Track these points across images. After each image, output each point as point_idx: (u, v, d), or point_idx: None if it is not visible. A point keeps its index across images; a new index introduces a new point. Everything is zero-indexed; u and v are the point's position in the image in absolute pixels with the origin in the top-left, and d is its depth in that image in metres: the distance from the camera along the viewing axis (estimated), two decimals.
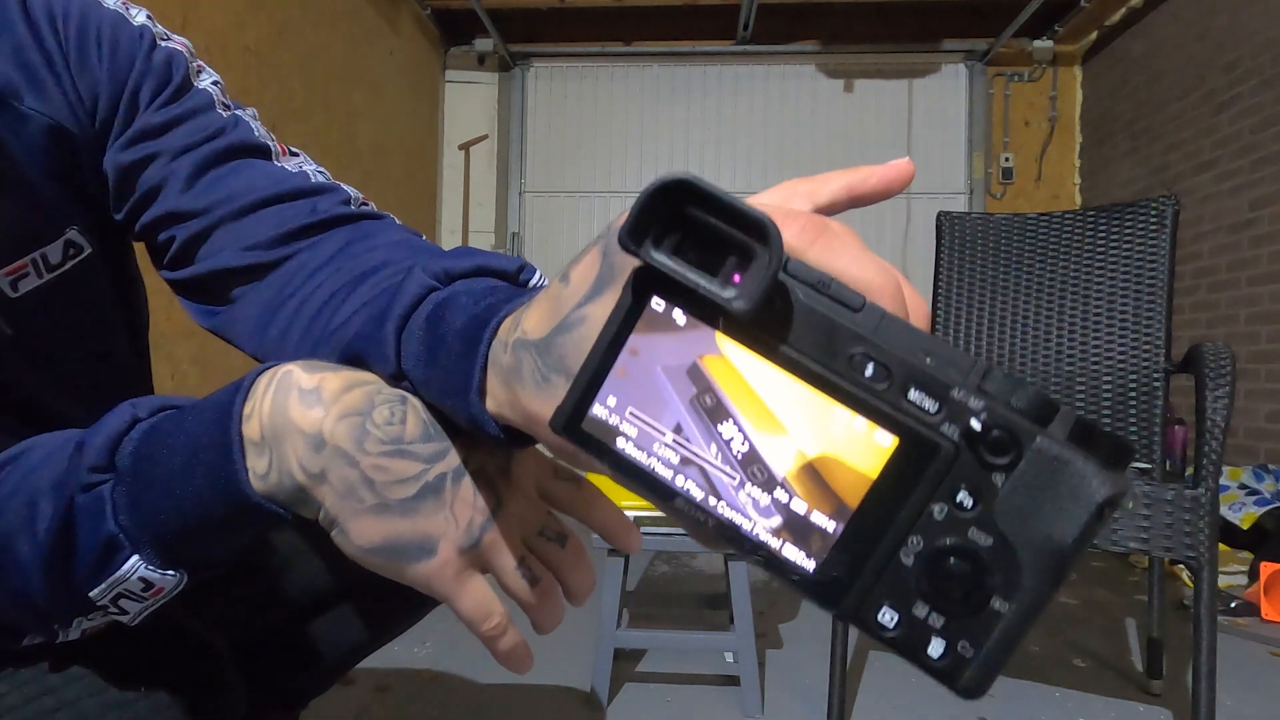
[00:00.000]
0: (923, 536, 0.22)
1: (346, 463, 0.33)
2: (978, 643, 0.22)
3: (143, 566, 0.36)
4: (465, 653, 1.60)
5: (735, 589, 1.37)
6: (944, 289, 1.65)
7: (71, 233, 0.52)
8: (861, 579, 0.23)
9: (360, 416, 0.34)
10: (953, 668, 0.22)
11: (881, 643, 0.23)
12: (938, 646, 0.22)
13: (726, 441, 0.24)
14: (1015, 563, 0.21)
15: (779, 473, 0.24)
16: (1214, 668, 1.01)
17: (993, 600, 0.21)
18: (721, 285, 0.23)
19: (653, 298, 0.25)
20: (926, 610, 0.22)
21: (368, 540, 0.34)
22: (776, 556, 0.24)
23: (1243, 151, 2.90)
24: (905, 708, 1.41)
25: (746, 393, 0.24)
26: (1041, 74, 4.14)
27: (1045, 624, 1.89)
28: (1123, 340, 1.49)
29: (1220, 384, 1.06)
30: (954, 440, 0.22)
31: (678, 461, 0.25)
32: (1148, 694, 1.48)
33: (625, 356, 0.25)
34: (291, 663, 0.78)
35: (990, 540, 0.22)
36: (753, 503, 0.24)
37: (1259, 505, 2.28)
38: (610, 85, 4.31)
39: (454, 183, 4.20)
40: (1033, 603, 0.21)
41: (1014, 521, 0.21)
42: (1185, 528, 1.01)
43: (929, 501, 0.22)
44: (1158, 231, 1.48)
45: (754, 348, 0.24)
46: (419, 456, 0.34)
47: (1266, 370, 2.78)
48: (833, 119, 4.22)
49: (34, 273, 0.50)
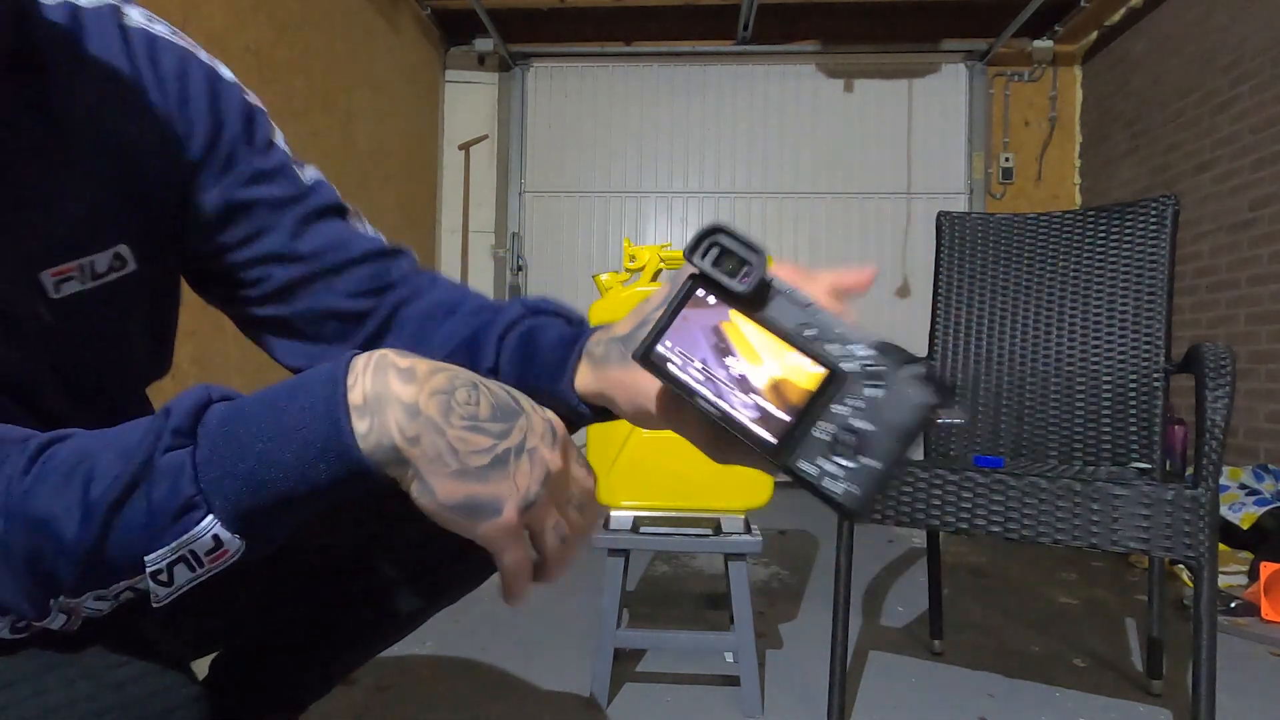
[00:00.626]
0: (833, 422, 0.39)
1: (436, 431, 0.40)
2: (858, 482, 0.38)
3: (217, 525, 0.39)
4: (465, 653, 1.60)
5: (735, 589, 1.37)
6: (944, 289, 1.65)
7: (121, 247, 0.56)
8: (799, 446, 0.40)
9: (446, 395, 0.41)
10: (844, 498, 0.38)
11: (802, 483, 0.40)
12: (837, 486, 0.39)
13: (728, 368, 0.43)
14: (880, 437, 0.38)
15: (757, 386, 0.42)
16: (1214, 668, 1.01)
17: (867, 457, 0.38)
18: (736, 282, 0.42)
19: (698, 289, 0.44)
20: (831, 464, 0.39)
21: (450, 498, 0.41)
22: (750, 433, 0.41)
23: (1243, 152, 2.90)
24: (905, 708, 1.40)
25: (743, 342, 0.43)
26: (1041, 74, 4.14)
27: (1045, 624, 1.89)
28: (1123, 340, 1.49)
29: (1220, 384, 1.06)
30: (853, 371, 0.40)
31: (702, 378, 0.43)
32: (1148, 694, 1.48)
33: (679, 321, 0.44)
34: (292, 666, 0.79)
35: (868, 425, 0.39)
36: (740, 401, 0.42)
37: (1259, 505, 2.28)
38: (610, 85, 4.31)
39: (454, 183, 4.20)
40: (890, 460, 0.38)
41: (880, 415, 0.38)
42: (1185, 528, 1.01)
43: (836, 403, 0.40)
44: (1158, 231, 1.48)
45: (750, 317, 0.43)
46: (490, 433, 0.42)
47: (1266, 370, 2.78)
48: (833, 119, 4.22)
49: (78, 278, 0.53)
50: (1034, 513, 1.09)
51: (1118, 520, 1.04)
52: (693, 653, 1.62)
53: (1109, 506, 1.05)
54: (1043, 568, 2.44)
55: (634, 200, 4.30)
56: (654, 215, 4.30)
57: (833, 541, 1.51)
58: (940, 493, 1.16)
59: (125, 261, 0.56)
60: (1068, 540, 1.07)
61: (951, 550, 2.65)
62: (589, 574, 2.18)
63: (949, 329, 1.64)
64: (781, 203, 4.24)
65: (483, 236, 4.25)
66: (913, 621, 1.89)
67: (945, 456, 1.58)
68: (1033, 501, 1.09)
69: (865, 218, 4.20)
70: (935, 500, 1.16)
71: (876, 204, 4.20)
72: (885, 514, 1.20)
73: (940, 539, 1.72)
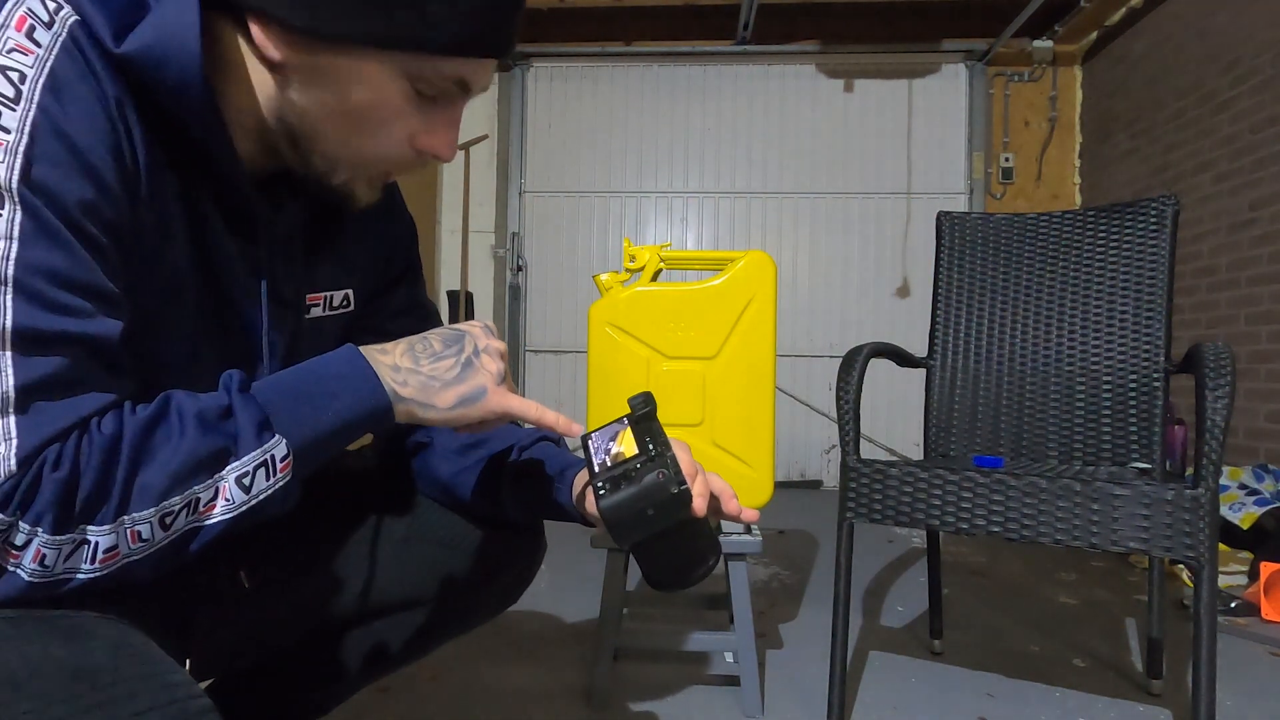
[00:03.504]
0: (630, 469, 0.63)
1: (413, 372, 0.62)
2: (615, 497, 0.61)
3: (286, 441, 0.55)
4: (465, 654, 1.60)
5: (735, 589, 1.37)
6: (944, 289, 1.65)
7: (351, 290, 0.77)
8: (610, 481, 0.63)
9: (409, 350, 0.63)
10: (604, 501, 0.61)
11: (598, 497, 0.62)
12: (606, 499, 0.62)
13: (609, 449, 0.69)
14: (635, 479, 0.62)
15: (613, 452, 0.68)
16: (1214, 668, 1.01)
17: (628, 487, 0.62)
18: (638, 411, 0.73)
19: (623, 418, 0.73)
20: (615, 489, 0.62)
21: (448, 402, 0.62)
22: (593, 469, 0.67)
23: (1243, 151, 2.90)
24: (905, 708, 1.40)
25: (627, 441, 0.68)
26: (1041, 74, 4.14)
27: (1045, 624, 1.89)
28: (1123, 340, 1.49)
29: (1220, 384, 1.06)
30: (649, 454, 0.65)
31: (594, 449, 0.70)
32: (1148, 694, 1.48)
33: (604, 429, 0.74)
34: (313, 678, 0.84)
35: (639, 472, 0.62)
36: (602, 457, 0.68)
37: (1259, 505, 2.28)
38: (610, 85, 4.31)
39: (454, 183, 4.19)
40: (638, 491, 0.61)
41: (644, 470, 0.62)
42: (1185, 528, 1.01)
43: (634, 461, 0.64)
44: (1158, 231, 1.48)
45: (634, 433, 0.69)
46: (448, 355, 0.64)
47: (1266, 370, 2.78)
48: (833, 119, 4.22)
49: (323, 305, 0.74)
50: (1034, 513, 1.09)
51: (1118, 520, 1.04)
52: (693, 653, 1.62)
53: (1109, 506, 1.05)
54: (1043, 568, 2.44)
55: (634, 200, 4.30)
56: (654, 215, 4.30)
57: (833, 541, 1.51)
58: (940, 493, 1.16)
59: (349, 303, 0.77)
60: (1068, 540, 1.07)
61: (951, 550, 2.65)
62: (589, 574, 2.18)
63: (949, 329, 1.64)
64: (781, 203, 4.23)
65: (483, 236, 4.24)
66: (913, 621, 1.89)
67: (945, 456, 1.58)
68: (1033, 501, 1.09)
69: (865, 218, 4.20)
70: (935, 500, 1.16)
71: (876, 204, 4.19)
72: (885, 514, 1.20)
73: (940, 539, 1.72)
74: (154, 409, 0.51)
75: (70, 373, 0.48)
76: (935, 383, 1.63)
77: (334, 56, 0.56)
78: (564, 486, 0.77)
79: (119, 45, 0.51)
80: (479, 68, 0.60)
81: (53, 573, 0.47)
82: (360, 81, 0.57)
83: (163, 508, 0.49)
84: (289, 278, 0.68)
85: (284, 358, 0.69)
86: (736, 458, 1.44)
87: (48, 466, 0.46)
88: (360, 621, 0.85)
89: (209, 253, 0.61)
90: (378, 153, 0.62)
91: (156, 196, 0.55)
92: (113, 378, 0.51)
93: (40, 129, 0.47)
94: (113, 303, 0.51)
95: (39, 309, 0.46)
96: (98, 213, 0.50)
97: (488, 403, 0.63)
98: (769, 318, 1.44)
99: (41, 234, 0.47)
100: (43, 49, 0.49)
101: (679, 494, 0.61)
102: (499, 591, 0.89)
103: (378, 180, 0.66)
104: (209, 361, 0.62)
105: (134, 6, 0.53)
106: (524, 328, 4.32)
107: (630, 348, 1.46)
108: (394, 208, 0.83)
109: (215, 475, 0.52)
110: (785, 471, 4.14)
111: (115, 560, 0.49)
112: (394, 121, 0.60)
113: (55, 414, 0.47)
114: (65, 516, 0.46)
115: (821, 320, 4.18)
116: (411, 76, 0.58)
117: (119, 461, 0.48)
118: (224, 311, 0.64)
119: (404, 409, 0.61)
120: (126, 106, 0.52)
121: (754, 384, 1.44)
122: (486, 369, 0.64)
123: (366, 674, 0.88)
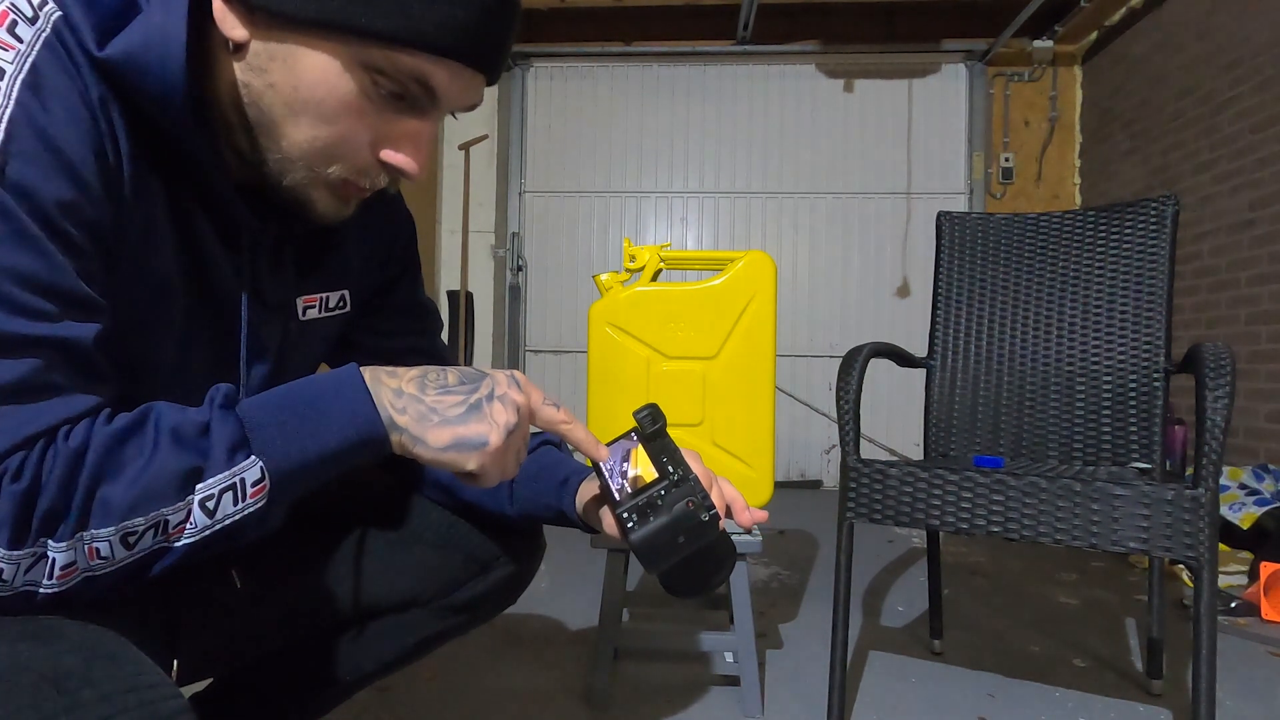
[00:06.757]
0: (655, 496, 0.65)
1: (416, 400, 0.57)
2: (645, 529, 0.63)
3: (261, 464, 0.51)
4: (465, 654, 1.60)
5: (735, 589, 1.37)
6: (944, 289, 1.65)
7: (347, 291, 0.75)
8: (636, 511, 0.64)
9: (420, 377, 0.58)
10: (633, 533, 0.63)
11: (621, 526, 0.65)
12: (635, 531, 0.63)
13: (624, 471, 0.70)
14: (664, 508, 0.64)
15: (630, 475, 0.69)
16: (1214, 668, 1.01)
17: (657, 517, 0.63)
18: (646, 427, 0.73)
19: (630, 432, 0.74)
20: (644, 519, 0.63)
21: (441, 441, 0.56)
22: (612, 497, 0.67)
23: (1243, 151, 2.90)
24: (905, 708, 1.40)
25: (643, 461, 0.70)
26: (1041, 74, 4.14)
27: (1045, 624, 1.89)
28: (1123, 340, 1.49)
29: (1220, 384, 1.06)
30: (671, 479, 0.67)
31: (608, 471, 0.70)
32: (1148, 694, 1.48)
33: (616, 444, 0.74)
34: (309, 679, 0.84)
35: (666, 499, 0.64)
36: (620, 481, 0.69)
37: (1259, 505, 2.28)
38: (610, 85, 4.31)
39: (454, 183, 4.19)
40: (669, 521, 0.63)
41: (672, 498, 0.65)
42: (1185, 528, 1.01)
43: (657, 488, 0.66)
44: (1158, 231, 1.48)
45: (648, 452, 0.71)
46: (460, 392, 0.58)
47: (1266, 370, 2.78)
48: (833, 119, 4.22)
49: (319, 307, 0.72)
50: (1034, 513, 1.09)
51: (1118, 520, 1.04)
52: (693, 653, 1.62)
53: (1109, 506, 1.05)
54: (1043, 568, 2.44)
55: (634, 200, 4.30)
56: (654, 215, 4.30)
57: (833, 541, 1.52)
58: (940, 493, 1.16)
59: (345, 304, 0.75)
60: (1068, 540, 1.07)
61: (951, 550, 2.65)
62: (589, 574, 2.17)
63: (949, 329, 1.64)
64: (781, 203, 4.23)
65: (483, 236, 4.24)
66: (913, 621, 1.89)
67: (945, 456, 1.58)
68: (1033, 501, 1.09)
69: (865, 218, 4.20)
70: (935, 500, 1.16)
71: (876, 204, 4.19)
72: (885, 514, 1.20)
73: (940, 539, 1.72)
74: (130, 420, 0.49)
75: (39, 377, 0.46)
76: (935, 383, 1.63)
77: (287, 36, 0.53)
78: (568, 494, 0.77)
79: (102, 49, 0.50)
80: (445, 71, 0.56)
81: (12, 586, 0.45)
82: (312, 67, 0.54)
83: (124, 527, 0.47)
84: (277, 283, 0.67)
85: (275, 361, 0.67)
86: (736, 458, 1.44)
87: (8, 477, 0.44)
88: (357, 622, 0.84)
89: (195, 256, 0.59)
90: (331, 151, 0.57)
91: (141, 198, 0.54)
92: (88, 383, 0.49)
93: (17, 125, 0.46)
94: (88, 307, 0.49)
95: (6, 312, 0.45)
96: (77, 212, 0.48)
97: (485, 454, 0.57)
98: (769, 318, 1.44)
99: (13, 235, 0.45)
100: (24, 44, 0.47)
101: (709, 520, 0.63)
102: (498, 592, 0.89)
103: (340, 190, 0.60)
104: (199, 364, 0.61)
105: (125, 6, 0.51)
106: (524, 328, 4.32)
107: (630, 348, 1.46)
108: (392, 206, 0.82)
109: (185, 496, 0.49)
110: (785, 471, 4.14)
111: (73, 576, 0.47)
112: (348, 118, 0.56)
113: (21, 420, 0.45)
114: (22, 531, 0.44)
115: (821, 320, 4.18)
116: (369, 68, 0.54)
117: (80, 475, 0.46)
118: (211, 315, 0.62)
119: (397, 439, 0.56)
120: (111, 106, 0.51)
121: (754, 384, 1.44)
122: (495, 418, 0.58)
123: (365, 675, 0.88)
